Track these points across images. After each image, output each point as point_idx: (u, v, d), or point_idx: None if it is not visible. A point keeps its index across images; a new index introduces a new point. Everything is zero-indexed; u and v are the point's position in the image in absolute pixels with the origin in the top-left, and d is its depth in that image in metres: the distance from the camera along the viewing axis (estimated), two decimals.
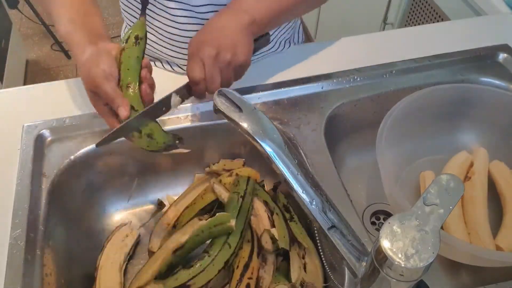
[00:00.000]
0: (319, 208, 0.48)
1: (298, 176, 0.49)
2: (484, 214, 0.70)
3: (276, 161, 0.50)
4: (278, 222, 0.71)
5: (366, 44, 0.89)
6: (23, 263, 0.59)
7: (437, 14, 1.33)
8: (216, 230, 0.68)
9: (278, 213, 0.73)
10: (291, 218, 0.72)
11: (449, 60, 0.84)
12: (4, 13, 2.16)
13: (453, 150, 0.79)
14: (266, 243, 0.67)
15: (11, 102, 0.79)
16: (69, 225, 0.71)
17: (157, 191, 0.83)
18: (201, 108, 0.77)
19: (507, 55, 0.85)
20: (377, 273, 0.42)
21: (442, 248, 0.44)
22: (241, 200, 0.70)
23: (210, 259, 0.64)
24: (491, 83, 0.82)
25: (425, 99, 0.74)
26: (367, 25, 1.72)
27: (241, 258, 0.67)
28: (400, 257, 0.39)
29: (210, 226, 0.68)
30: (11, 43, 2.14)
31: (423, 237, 0.40)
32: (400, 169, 0.79)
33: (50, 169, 0.70)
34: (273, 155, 0.50)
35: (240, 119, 0.51)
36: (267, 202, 0.73)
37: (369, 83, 0.81)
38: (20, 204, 0.65)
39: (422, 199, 0.42)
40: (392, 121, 0.70)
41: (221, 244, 0.65)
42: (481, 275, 0.70)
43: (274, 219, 0.71)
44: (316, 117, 0.76)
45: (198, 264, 0.64)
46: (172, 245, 0.67)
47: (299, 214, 0.74)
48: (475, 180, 0.73)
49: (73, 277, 0.68)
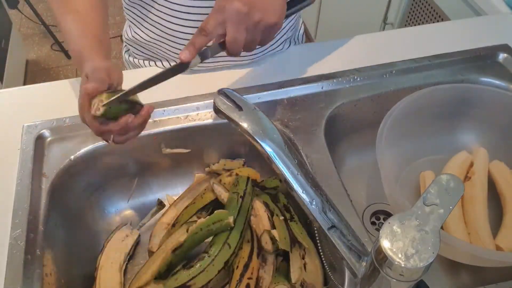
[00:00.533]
0: (319, 208, 0.48)
1: (298, 176, 0.49)
2: (484, 214, 0.70)
3: (276, 161, 0.50)
4: (278, 223, 0.71)
5: (366, 44, 0.89)
6: (23, 263, 0.59)
7: (437, 14, 1.33)
8: (215, 227, 0.68)
9: (278, 214, 0.73)
10: (291, 218, 0.72)
11: (449, 60, 0.84)
12: (4, 13, 2.16)
13: (453, 150, 0.79)
14: (266, 243, 0.67)
15: (11, 102, 0.79)
16: (69, 225, 0.71)
17: (157, 191, 0.83)
18: (201, 108, 0.77)
19: (507, 55, 0.85)
20: (377, 273, 0.42)
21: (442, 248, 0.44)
22: (240, 200, 0.70)
23: (210, 259, 0.64)
24: (491, 83, 0.82)
25: (425, 99, 0.74)
26: (367, 25, 1.72)
27: (241, 258, 0.67)
28: (400, 257, 0.39)
29: (209, 224, 0.68)
30: (11, 43, 2.14)
31: (423, 237, 0.40)
32: (400, 169, 0.79)
33: (50, 169, 0.70)
34: (273, 155, 0.50)
35: (240, 119, 0.51)
36: (267, 203, 0.73)
37: (369, 83, 0.81)
38: (20, 204, 0.65)
39: (422, 199, 0.42)
40: (392, 121, 0.70)
41: (221, 244, 0.65)
42: (481, 275, 0.70)
43: (274, 220, 0.72)
44: (316, 117, 0.76)
45: (198, 265, 0.64)
46: (171, 244, 0.67)
47: (299, 214, 0.74)
48: (475, 180, 0.73)
49: (73, 277, 0.68)
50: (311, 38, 2.24)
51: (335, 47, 0.88)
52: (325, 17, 2.08)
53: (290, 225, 0.71)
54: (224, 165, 0.80)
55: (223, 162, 0.80)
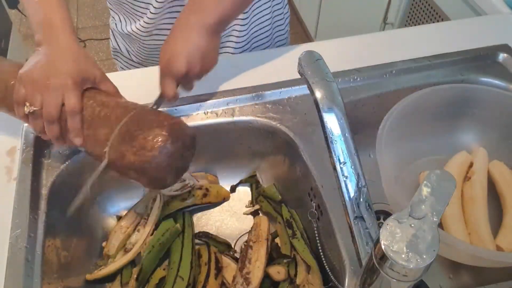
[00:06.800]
0: (355, 195, 0.48)
1: (355, 156, 0.49)
2: (484, 214, 0.70)
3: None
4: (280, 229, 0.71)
5: (366, 44, 0.89)
6: (23, 263, 0.59)
7: (437, 14, 1.33)
8: (165, 238, 0.69)
9: (280, 221, 0.73)
10: (293, 235, 0.72)
11: (449, 60, 0.84)
12: (4, 13, 2.16)
13: (453, 150, 0.79)
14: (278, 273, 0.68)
15: None
16: (69, 225, 0.71)
17: None
18: (202, 108, 0.77)
19: (507, 55, 0.85)
20: (377, 273, 0.42)
21: (442, 248, 0.44)
22: (181, 237, 0.71)
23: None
24: (491, 83, 0.82)
25: (425, 99, 0.74)
26: (367, 25, 1.72)
27: (199, 282, 0.67)
28: (400, 257, 0.39)
29: (159, 238, 0.69)
30: (11, 43, 2.14)
31: (422, 236, 0.40)
32: (400, 169, 0.79)
33: (50, 169, 0.70)
34: None
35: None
36: (269, 213, 0.74)
37: (369, 83, 0.81)
38: (20, 204, 0.65)
39: (418, 197, 0.42)
40: (392, 121, 0.70)
41: (173, 278, 0.65)
42: (481, 275, 0.70)
43: (276, 228, 0.72)
44: (316, 117, 0.76)
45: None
46: (133, 274, 0.68)
47: (302, 230, 0.74)
48: (475, 180, 0.73)
49: (73, 277, 0.69)
50: (311, 38, 2.24)
51: (335, 47, 0.88)
52: (325, 17, 2.08)
53: (292, 242, 0.71)
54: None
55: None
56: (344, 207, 0.49)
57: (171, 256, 0.70)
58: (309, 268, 0.69)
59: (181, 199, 0.77)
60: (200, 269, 0.69)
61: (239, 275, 0.67)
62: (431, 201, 0.41)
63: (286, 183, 0.81)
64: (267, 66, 0.84)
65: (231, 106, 0.78)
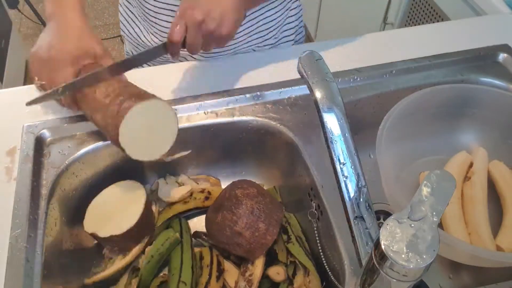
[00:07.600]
0: (355, 196, 0.48)
1: (355, 156, 0.49)
2: (484, 214, 0.70)
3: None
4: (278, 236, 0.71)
5: (366, 44, 0.89)
6: (23, 263, 0.59)
7: (437, 14, 1.33)
8: (164, 248, 0.69)
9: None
10: (288, 240, 0.72)
11: (449, 60, 0.84)
12: (4, 13, 2.16)
13: (453, 150, 0.79)
14: (278, 274, 0.68)
15: (11, 102, 0.79)
16: (69, 225, 0.71)
17: None
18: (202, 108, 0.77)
19: (507, 55, 0.85)
20: (377, 273, 0.42)
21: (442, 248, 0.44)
22: (180, 244, 0.71)
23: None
24: (491, 83, 0.82)
25: (425, 99, 0.74)
26: (367, 25, 1.72)
27: (200, 285, 0.67)
28: (400, 257, 0.39)
29: (158, 247, 0.68)
30: (11, 43, 2.14)
31: (422, 236, 0.40)
32: (400, 169, 0.79)
33: (50, 169, 0.70)
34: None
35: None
36: None
37: (369, 83, 0.81)
38: (20, 204, 0.64)
39: (418, 197, 0.42)
40: (392, 121, 0.70)
41: (176, 284, 0.65)
42: (481, 275, 0.70)
43: None
44: (316, 117, 0.76)
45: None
46: (132, 285, 0.68)
47: (298, 232, 0.74)
48: (475, 180, 0.73)
49: (73, 277, 0.69)
50: (311, 38, 2.24)
51: (335, 47, 0.88)
52: (325, 17, 2.08)
53: (287, 247, 0.71)
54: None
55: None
56: (344, 207, 0.49)
57: (171, 262, 0.69)
58: (307, 270, 0.69)
59: (183, 202, 0.77)
60: (201, 271, 0.69)
61: (241, 278, 0.67)
62: (431, 201, 0.41)
63: (286, 183, 0.81)
64: (267, 66, 0.84)
65: (231, 106, 0.78)
